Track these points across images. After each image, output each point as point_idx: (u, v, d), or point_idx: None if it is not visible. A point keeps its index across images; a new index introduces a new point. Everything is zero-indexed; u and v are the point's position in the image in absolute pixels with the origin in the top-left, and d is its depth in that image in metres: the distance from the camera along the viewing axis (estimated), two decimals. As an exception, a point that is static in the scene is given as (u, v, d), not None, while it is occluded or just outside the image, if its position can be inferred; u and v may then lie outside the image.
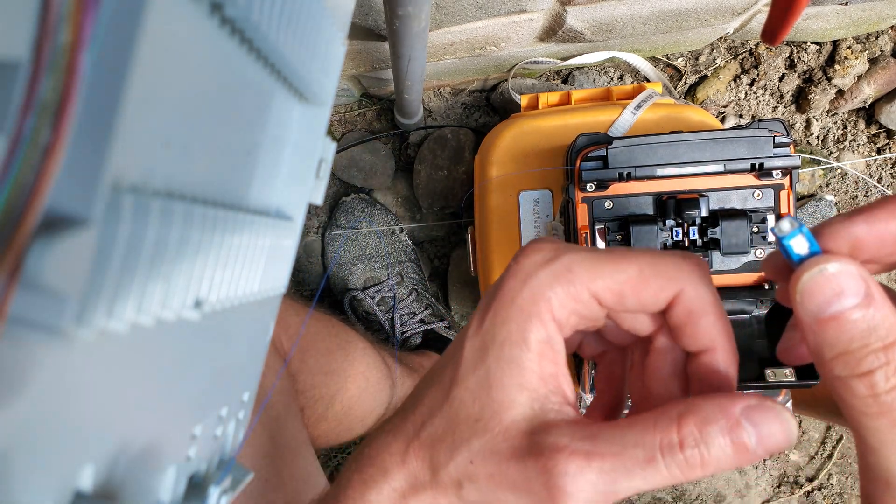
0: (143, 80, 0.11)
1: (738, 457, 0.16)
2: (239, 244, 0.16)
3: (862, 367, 0.14)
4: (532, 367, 0.18)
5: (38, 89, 0.09)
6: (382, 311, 0.67)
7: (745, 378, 0.45)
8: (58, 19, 0.09)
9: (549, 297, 0.18)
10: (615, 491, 0.16)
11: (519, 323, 0.18)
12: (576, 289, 0.18)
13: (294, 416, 0.44)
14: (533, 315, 0.18)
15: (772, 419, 0.16)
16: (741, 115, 0.75)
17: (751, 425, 0.16)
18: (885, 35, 0.70)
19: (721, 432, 0.16)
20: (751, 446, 0.16)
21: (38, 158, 0.09)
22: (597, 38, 0.63)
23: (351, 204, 0.70)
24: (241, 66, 0.16)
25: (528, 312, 0.18)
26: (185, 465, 0.17)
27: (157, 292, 0.12)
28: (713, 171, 0.43)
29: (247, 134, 0.17)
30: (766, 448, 0.16)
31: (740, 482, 0.75)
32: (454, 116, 0.74)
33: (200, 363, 0.17)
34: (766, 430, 0.16)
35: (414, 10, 0.39)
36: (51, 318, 0.10)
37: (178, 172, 0.13)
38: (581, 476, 0.16)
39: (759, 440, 0.16)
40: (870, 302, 0.15)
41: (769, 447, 0.16)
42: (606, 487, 0.16)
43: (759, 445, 0.16)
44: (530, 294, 0.18)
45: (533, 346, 0.18)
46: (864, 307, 0.15)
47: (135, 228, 0.11)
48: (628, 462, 0.16)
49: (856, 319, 0.15)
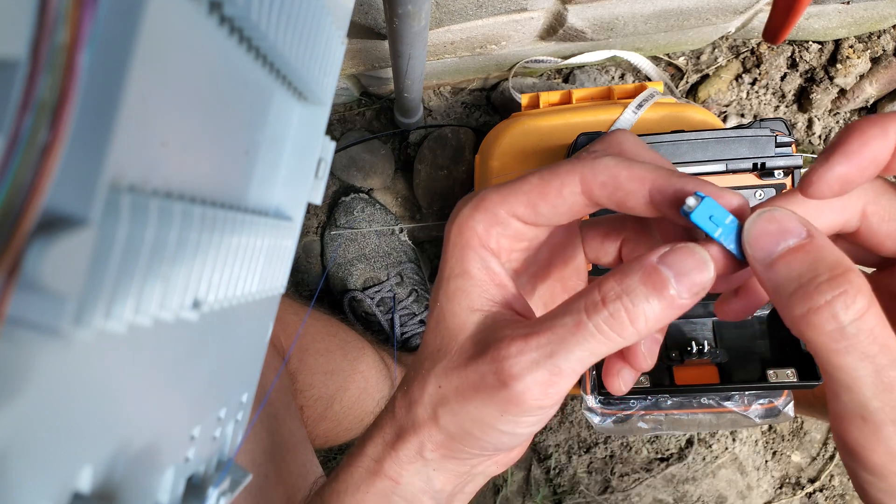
0: (142, 80, 0.11)
1: (663, 302, 0.16)
2: (238, 244, 0.16)
3: (817, 299, 0.14)
4: (476, 291, 0.20)
5: (36, 88, 0.09)
6: (382, 312, 0.67)
7: (746, 379, 0.45)
8: (56, 18, 0.09)
9: (472, 226, 0.20)
10: (558, 365, 0.17)
11: (457, 257, 0.20)
12: (492, 213, 0.20)
13: (293, 414, 0.44)
14: (465, 247, 0.20)
15: (685, 256, 0.16)
16: (743, 114, 0.74)
17: (666, 266, 0.16)
18: (888, 34, 0.69)
19: (640, 281, 0.16)
20: (670, 285, 0.16)
21: (36, 158, 0.09)
22: (598, 36, 0.63)
23: (350, 204, 0.70)
24: (240, 64, 0.16)
25: (461, 246, 0.20)
26: (184, 466, 0.17)
27: (155, 293, 0.12)
28: (715, 170, 0.43)
29: (245, 133, 0.17)
30: (686, 286, 0.16)
31: (742, 483, 0.75)
32: (454, 115, 0.74)
33: (199, 364, 0.17)
34: (682, 267, 0.16)
35: (414, 9, 0.39)
36: (49, 318, 0.10)
37: (177, 172, 0.13)
38: (523, 356, 0.17)
39: (677, 277, 0.16)
40: (812, 238, 0.16)
41: (689, 285, 0.16)
42: (548, 361, 0.17)
43: (680, 284, 0.16)
44: (458, 229, 0.20)
45: (474, 273, 0.20)
46: (807, 241, 0.15)
47: (133, 228, 0.11)
48: (560, 331, 0.17)
49: (801, 255, 0.15)
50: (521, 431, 0.19)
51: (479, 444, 0.19)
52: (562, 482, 0.73)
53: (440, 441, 0.20)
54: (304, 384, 0.49)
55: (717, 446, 0.74)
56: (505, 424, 0.18)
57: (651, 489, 0.74)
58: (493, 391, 0.18)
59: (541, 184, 0.19)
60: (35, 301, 0.10)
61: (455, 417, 0.19)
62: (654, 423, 0.54)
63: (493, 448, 0.20)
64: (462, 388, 0.19)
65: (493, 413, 0.18)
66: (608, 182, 0.18)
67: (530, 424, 0.19)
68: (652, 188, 0.17)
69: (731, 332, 0.48)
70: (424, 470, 0.20)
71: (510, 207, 0.19)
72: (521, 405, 0.18)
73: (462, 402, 0.19)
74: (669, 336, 0.49)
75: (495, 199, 0.19)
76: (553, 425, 0.74)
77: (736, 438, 0.75)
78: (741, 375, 0.45)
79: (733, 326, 0.48)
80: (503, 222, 0.20)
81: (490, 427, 0.19)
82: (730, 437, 0.75)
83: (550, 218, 0.19)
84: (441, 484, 0.21)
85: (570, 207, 0.19)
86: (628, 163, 0.18)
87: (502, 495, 0.73)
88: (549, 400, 0.18)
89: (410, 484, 0.20)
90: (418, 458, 0.20)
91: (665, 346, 0.48)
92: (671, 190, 0.17)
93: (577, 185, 0.18)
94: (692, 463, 0.74)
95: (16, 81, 0.09)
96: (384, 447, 0.21)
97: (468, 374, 0.19)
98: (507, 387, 0.18)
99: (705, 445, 0.74)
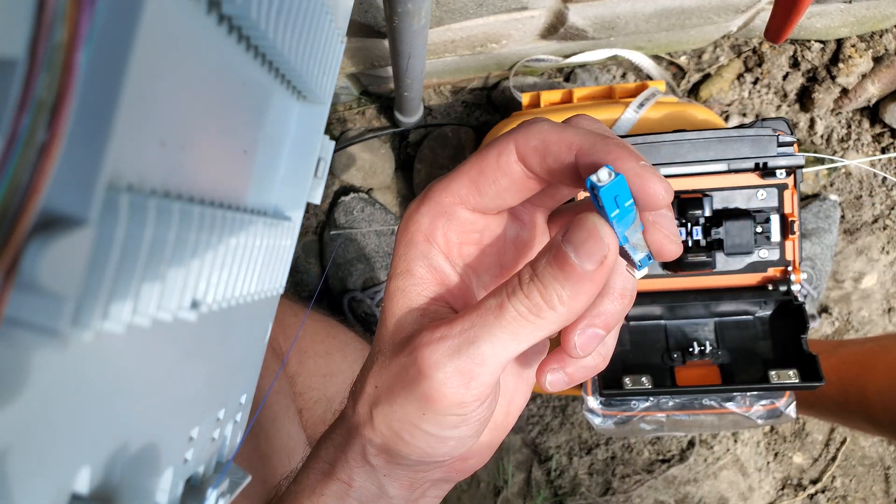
0: (140, 79, 0.11)
1: (570, 278, 0.16)
2: (236, 244, 0.16)
3: None
4: (415, 290, 0.19)
5: (34, 88, 0.09)
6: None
7: (748, 380, 0.45)
8: (54, 17, 0.09)
9: (416, 220, 0.19)
10: (480, 351, 0.16)
11: (400, 255, 0.19)
12: (436, 202, 0.19)
13: (292, 418, 0.44)
14: (409, 244, 0.19)
15: (578, 227, 0.16)
16: (745, 113, 0.74)
17: (567, 243, 0.16)
18: (890, 33, 0.69)
19: (547, 261, 0.16)
20: (573, 261, 0.16)
21: (34, 157, 0.09)
22: (599, 35, 0.62)
23: (350, 203, 0.70)
24: (239, 63, 0.16)
25: (404, 243, 0.19)
26: (183, 468, 0.17)
27: (153, 293, 0.12)
28: (717, 170, 0.43)
29: (244, 132, 0.17)
30: (584, 255, 0.16)
31: (743, 484, 0.75)
32: (455, 115, 0.74)
33: (197, 364, 0.17)
34: (577, 239, 0.16)
35: (414, 7, 0.39)
36: (46, 319, 0.10)
37: (175, 171, 0.13)
38: (442, 343, 0.16)
39: (575, 250, 0.16)
40: None
41: (586, 254, 0.16)
42: (469, 347, 0.16)
43: (580, 256, 0.16)
44: (404, 226, 0.19)
45: (415, 272, 0.19)
46: None
47: (131, 228, 0.11)
48: (484, 314, 0.16)
49: None
50: (448, 434, 0.17)
51: (410, 449, 0.18)
52: (563, 483, 0.73)
53: (379, 444, 0.19)
54: (303, 387, 0.49)
55: (719, 447, 0.74)
56: (427, 424, 0.17)
57: (652, 490, 0.74)
58: (412, 385, 0.17)
59: (479, 159, 0.18)
60: (33, 302, 0.10)
61: (386, 418, 0.18)
62: (655, 424, 0.54)
63: (425, 454, 0.18)
64: (391, 385, 0.18)
65: (415, 411, 0.17)
66: (539, 146, 0.17)
67: (454, 425, 0.17)
68: (578, 153, 0.16)
69: (733, 333, 0.48)
70: (374, 476, 0.19)
71: (454, 192, 0.18)
72: (440, 400, 0.16)
73: (390, 401, 0.18)
74: (671, 337, 0.48)
75: (439, 188, 0.19)
76: (554, 427, 0.74)
77: (737, 440, 0.75)
78: (743, 376, 0.45)
79: (735, 327, 0.48)
80: (448, 212, 0.19)
81: (416, 428, 0.17)
82: (731, 439, 0.75)
83: (494, 197, 0.18)
84: (395, 490, 0.20)
85: (510, 181, 0.18)
86: (561, 127, 0.17)
87: (503, 497, 0.73)
88: (469, 393, 0.16)
89: (363, 487, 0.20)
90: (364, 463, 0.19)
91: (667, 347, 0.48)
92: (593, 157, 0.16)
93: (511, 152, 0.17)
94: (694, 464, 0.74)
95: (14, 80, 0.09)
96: (335, 450, 0.20)
97: (393, 368, 0.18)
98: (426, 377, 0.16)
99: (707, 447, 0.74)
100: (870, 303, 0.74)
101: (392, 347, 0.18)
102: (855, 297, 0.74)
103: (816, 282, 0.69)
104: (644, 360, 0.47)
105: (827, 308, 0.74)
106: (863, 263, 0.74)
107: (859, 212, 0.74)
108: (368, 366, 0.19)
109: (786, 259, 0.45)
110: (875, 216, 0.75)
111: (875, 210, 0.74)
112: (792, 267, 0.45)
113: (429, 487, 0.21)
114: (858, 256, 0.74)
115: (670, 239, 0.17)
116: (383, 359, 0.19)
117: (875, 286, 0.75)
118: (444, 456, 0.19)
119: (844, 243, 0.74)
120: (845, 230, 0.74)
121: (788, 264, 0.45)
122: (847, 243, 0.74)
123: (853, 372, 0.52)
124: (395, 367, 0.18)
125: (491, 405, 0.18)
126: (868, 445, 0.75)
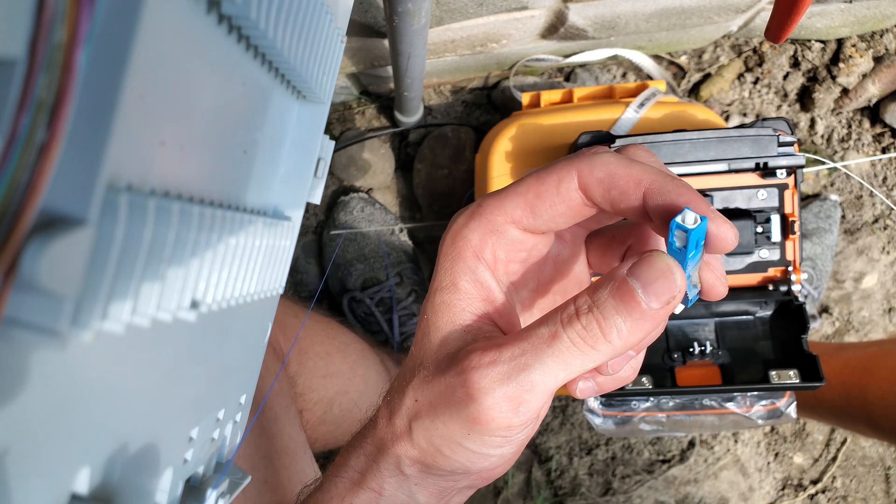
0: (140, 78, 0.11)
1: (634, 314, 0.16)
2: (236, 244, 0.16)
3: None
4: (461, 305, 0.19)
5: (33, 87, 0.09)
6: (381, 312, 0.67)
7: (749, 380, 0.45)
8: (54, 17, 0.09)
9: (465, 235, 0.19)
10: (531, 379, 0.16)
11: (447, 269, 0.19)
12: (488, 220, 0.19)
13: (292, 418, 0.44)
14: (457, 259, 0.19)
15: (650, 265, 0.16)
16: (745, 113, 0.74)
17: (634, 277, 0.16)
18: (890, 33, 0.69)
19: (609, 293, 0.16)
20: (638, 297, 0.16)
21: (34, 157, 0.09)
22: (599, 35, 0.62)
23: (350, 203, 0.70)
24: (239, 63, 0.15)
25: (452, 257, 0.19)
26: (182, 468, 0.17)
27: (153, 293, 0.12)
28: (717, 170, 0.42)
29: (244, 132, 0.17)
30: (653, 295, 0.16)
31: (744, 485, 0.75)
32: (455, 114, 0.74)
33: (197, 365, 0.17)
34: (647, 277, 0.16)
35: (414, 7, 0.39)
36: (46, 319, 0.10)
37: (175, 171, 0.13)
38: (493, 367, 0.17)
39: (644, 288, 0.16)
40: None
41: (656, 294, 0.16)
42: (520, 374, 0.16)
43: (647, 295, 0.16)
44: (451, 239, 0.19)
45: (461, 286, 0.19)
46: None
47: (131, 228, 0.11)
48: (536, 341, 0.16)
49: None
50: (491, 452, 0.18)
51: (448, 462, 0.18)
52: (563, 484, 0.73)
53: (415, 456, 0.19)
54: (303, 387, 0.49)
55: (719, 448, 0.74)
56: (471, 443, 0.17)
57: (653, 491, 0.73)
58: (459, 406, 0.17)
59: (537, 182, 0.18)
60: (32, 302, 0.10)
61: (426, 432, 0.18)
62: (655, 424, 0.54)
63: (464, 468, 0.19)
64: (433, 401, 0.18)
65: (460, 430, 0.17)
66: (604, 179, 0.17)
67: (499, 445, 0.18)
68: (647, 191, 0.17)
69: (734, 334, 0.47)
70: (406, 485, 0.20)
71: (507, 212, 0.19)
72: (487, 423, 0.17)
73: (432, 417, 0.18)
74: (671, 337, 0.48)
75: (492, 205, 0.19)
76: (554, 427, 0.74)
77: (738, 440, 0.75)
78: (743, 376, 0.45)
79: (735, 327, 0.48)
80: (499, 230, 0.19)
81: (458, 445, 0.18)
82: (732, 439, 0.75)
83: (548, 220, 0.18)
84: (425, 498, 0.20)
85: (568, 207, 0.18)
86: (627, 161, 0.17)
87: (503, 497, 0.73)
88: (517, 419, 0.17)
89: (394, 496, 0.20)
90: (398, 473, 0.20)
91: (667, 348, 0.48)
92: (665, 198, 0.17)
93: (573, 180, 0.18)
94: (694, 464, 0.74)
95: (13, 80, 0.09)
96: (366, 459, 0.20)
97: (438, 386, 0.18)
98: (474, 401, 0.17)
99: (707, 447, 0.74)
100: (870, 303, 0.74)
101: (436, 363, 0.19)
102: (855, 298, 0.74)
103: (817, 282, 0.69)
104: (644, 361, 0.47)
105: (827, 308, 0.74)
106: (863, 263, 0.74)
107: (860, 212, 0.74)
108: (407, 378, 0.19)
109: (786, 259, 0.45)
110: (875, 216, 0.75)
111: (875, 210, 0.74)
112: (792, 267, 0.45)
113: (455, 494, 0.21)
114: (859, 256, 0.74)
115: (721, 280, 0.18)
116: (426, 373, 0.19)
117: (875, 286, 0.74)
118: (482, 470, 0.19)
119: (845, 243, 0.74)
120: (846, 230, 0.74)
121: (789, 264, 0.45)
122: (847, 243, 0.74)
123: (855, 376, 0.52)
124: (439, 384, 0.18)
125: (535, 427, 0.18)
126: (868, 446, 0.75)
